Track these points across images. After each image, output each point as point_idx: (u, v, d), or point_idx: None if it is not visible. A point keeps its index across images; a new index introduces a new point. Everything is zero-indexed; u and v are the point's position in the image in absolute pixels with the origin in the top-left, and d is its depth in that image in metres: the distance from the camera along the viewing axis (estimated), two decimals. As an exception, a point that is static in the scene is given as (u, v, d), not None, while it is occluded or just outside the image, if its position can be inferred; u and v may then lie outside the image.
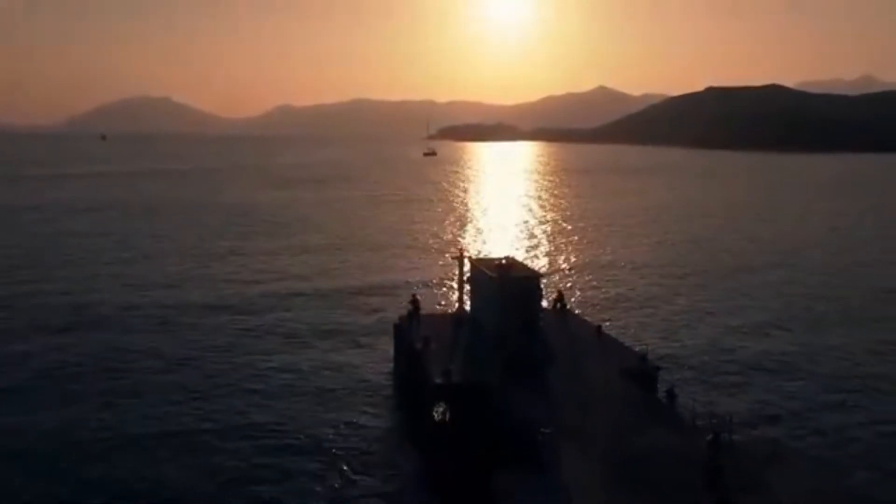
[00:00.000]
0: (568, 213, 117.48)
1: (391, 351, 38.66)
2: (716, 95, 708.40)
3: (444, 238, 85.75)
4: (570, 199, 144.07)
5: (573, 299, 49.07)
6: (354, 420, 30.77)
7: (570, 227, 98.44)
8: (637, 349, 33.28)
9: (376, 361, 38.49)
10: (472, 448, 24.76)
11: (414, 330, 36.26)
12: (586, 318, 41.29)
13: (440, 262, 65.89)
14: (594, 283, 60.60)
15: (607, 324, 39.64)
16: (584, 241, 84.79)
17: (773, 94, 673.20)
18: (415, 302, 39.45)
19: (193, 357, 38.53)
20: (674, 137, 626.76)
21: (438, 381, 29.32)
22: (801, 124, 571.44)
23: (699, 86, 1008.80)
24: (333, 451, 27.72)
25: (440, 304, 49.88)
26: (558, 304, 40.65)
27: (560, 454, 22.84)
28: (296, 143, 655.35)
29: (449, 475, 25.28)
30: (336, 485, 25.13)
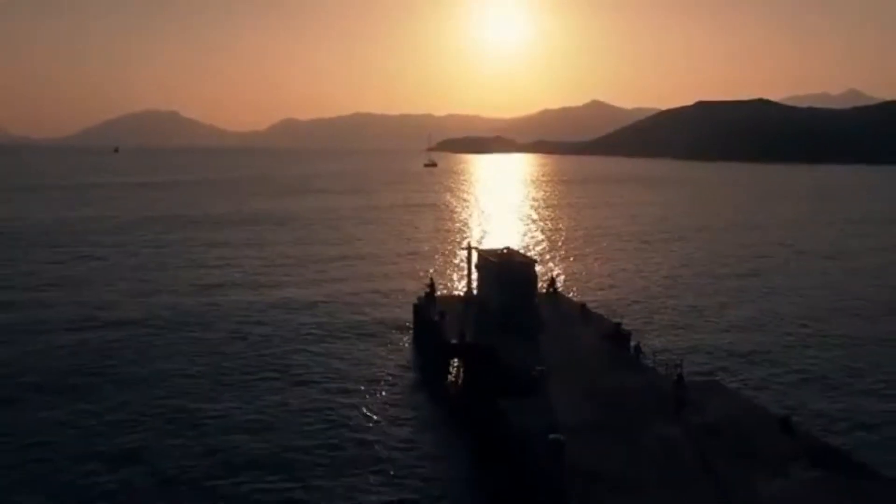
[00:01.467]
0: (561, 214, 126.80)
1: (411, 324, 45.25)
2: (705, 109, 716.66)
3: (453, 235, 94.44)
4: (564, 203, 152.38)
5: (563, 283, 55.89)
6: (383, 373, 37.39)
7: (562, 226, 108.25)
8: (613, 320, 39.88)
9: (399, 332, 45.25)
10: (481, 386, 31.27)
11: (431, 307, 42.92)
12: (573, 297, 47.87)
13: (450, 255, 74.85)
14: (581, 270, 69.29)
15: (590, 302, 46.14)
16: (574, 237, 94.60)
17: (760, 108, 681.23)
18: (431, 285, 46.23)
19: (253, 326, 45.16)
20: (665, 149, 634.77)
21: (454, 341, 36.00)
22: (788, 137, 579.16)
23: (689, 100, 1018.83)
24: (367, 395, 34.37)
25: (451, 288, 56.65)
26: (551, 288, 47.33)
27: (549, 386, 29.39)
28: (301, 156, 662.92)
29: (463, 404, 31.93)
30: (369, 417, 31.70)
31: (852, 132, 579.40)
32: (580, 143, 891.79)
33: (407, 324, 46.21)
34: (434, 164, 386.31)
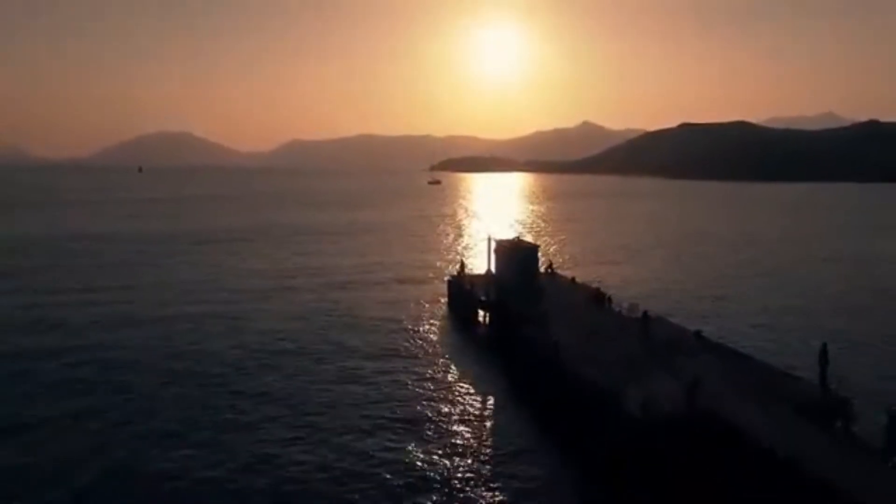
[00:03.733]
0: (556, 218, 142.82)
1: (446, 294, 58.43)
2: (689, 131, 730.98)
3: (469, 234, 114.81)
4: (559, 210, 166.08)
5: (558, 265, 69.01)
6: (426, 326, 50.30)
7: (557, 226, 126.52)
8: (594, 286, 52.94)
9: (437, 300, 58.46)
10: (502, 324, 44.30)
11: (462, 281, 56.05)
12: (565, 274, 61.03)
13: (474, 245, 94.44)
14: (571, 255, 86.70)
15: (578, 277, 59.27)
16: (566, 233, 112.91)
17: (740, 130, 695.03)
18: (461, 266, 59.41)
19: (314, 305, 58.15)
20: (651, 168, 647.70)
21: (482, 298, 49.12)
22: (767, 156, 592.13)
23: (674, 122, 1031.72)
24: (419, 335, 47.30)
25: (476, 269, 69.52)
26: (549, 268, 60.40)
27: (550, 322, 42.25)
28: (311, 175, 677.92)
29: (488, 336, 45.07)
30: (422, 346, 44.63)
31: (828, 152, 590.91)
32: (572, 163, 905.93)
33: (443, 294, 59.43)
34: (438, 182, 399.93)
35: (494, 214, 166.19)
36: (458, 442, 29.45)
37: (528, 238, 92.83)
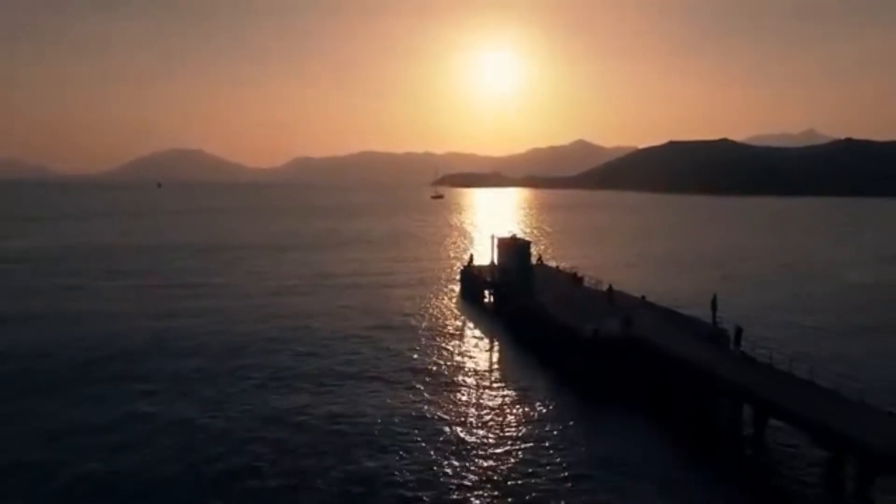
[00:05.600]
0: (549, 224, 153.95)
1: (458, 279, 71.61)
2: (676, 148, 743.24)
3: (476, 235, 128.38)
4: (551, 220, 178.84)
5: (547, 257, 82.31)
6: (442, 303, 63.34)
7: (548, 229, 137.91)
8: (573, 270, 66.07)
9: (452, 284, 71.60)
10: (502, 298, 57.37)
11: (471, 270, 69.21)
12: (552, 264, 74.21)
13: (478, 244, 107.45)
14: (559, 249, 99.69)
15: (561, 266, 72.40)
16: (555, 235, 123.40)
17: (724, 147, 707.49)
18: (471, 258, 72.68)
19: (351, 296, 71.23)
20: (641, 184, 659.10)
21: (489, 279, 62.32)
22: (750, 172, 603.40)
23: (662, 139, 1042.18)
24: (438, 307, 60.44)
25: (481, 261, 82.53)
26: (539, 260, 73.53)
27: (541, 296, 55.26)
28: (322, 190, 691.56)
29: (493, 306, 58.25)
30: (442, 315, 57.74)
31: (810, 168, 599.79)
32: (567, 178, 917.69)
33: (456, 280, 72.66)
34: (441, 196, 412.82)
35: (495, 223, 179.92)
36: (473, 371, 42.53)
37: (523, 234, 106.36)
